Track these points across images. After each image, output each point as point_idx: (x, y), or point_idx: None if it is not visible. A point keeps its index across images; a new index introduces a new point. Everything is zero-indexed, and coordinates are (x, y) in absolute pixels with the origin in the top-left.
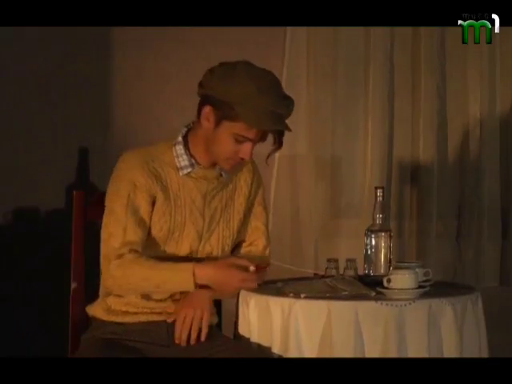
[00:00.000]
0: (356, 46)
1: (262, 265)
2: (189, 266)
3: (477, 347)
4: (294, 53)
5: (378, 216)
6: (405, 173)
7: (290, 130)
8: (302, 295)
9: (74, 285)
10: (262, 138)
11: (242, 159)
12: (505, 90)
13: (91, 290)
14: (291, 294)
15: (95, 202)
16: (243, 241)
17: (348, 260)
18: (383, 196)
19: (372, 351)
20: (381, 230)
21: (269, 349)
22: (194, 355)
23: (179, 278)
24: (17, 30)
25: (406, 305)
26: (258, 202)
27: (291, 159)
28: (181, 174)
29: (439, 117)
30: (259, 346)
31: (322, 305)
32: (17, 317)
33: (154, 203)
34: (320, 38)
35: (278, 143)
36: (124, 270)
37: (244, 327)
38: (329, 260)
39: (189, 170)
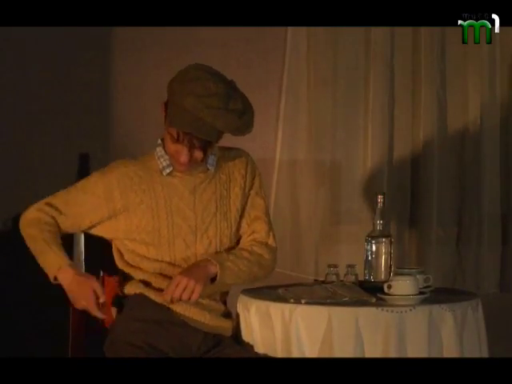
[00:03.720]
0: (356, 51)
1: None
2: (59, 262)
3: (477, 353)
4: (294, 58)
5: (379, 222)
6: (405, 179)
7: (210, 139)
8: (303, 301)
9: None
10: (190, 143)
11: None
12: (505, 99)
13: None
14: (292, 300)
15: None
16: (245, 232)
17: (348, 266)
18: (384, 202)
19: (372, 357)
20: (381, 236)
21: (268, 355)
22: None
23: (47, 263)
24: (17, 37)
25: (406, 311)
26: (254, 192)
27: (291, 164)
28: (164, 174)
29: (439, 122)
30: (262, 351)
31: (322, 311)
32: (17, 319)
33: (112, 217)
34: (320, 44)
35: (201, 149)
36: (29, 222)
37: (247, 334)
38: (329, 266)
39: (170, 168)
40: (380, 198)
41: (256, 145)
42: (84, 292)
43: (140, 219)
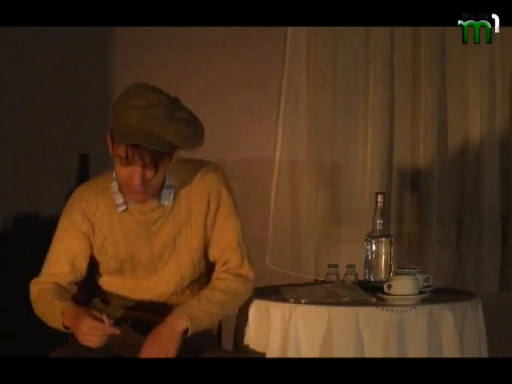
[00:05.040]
0: (356, 52)
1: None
2: (60, 311)
3: (477, 353)
4: (293, 58)
5: (379, 222)
6: (405, 179)
7: (160, 149)
8: (303, 301)
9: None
10: (141, 160)
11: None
12: (505, 97)
13: (90, 294)
14: (292, 300)
15: None
16: (218, 261)
17: (348, 266)
18: (383, 202)
19: (372, 357)
20: (381, 236)
21: (267, 354)
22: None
23: (53, 319)
24: (17, 37)
25: (406, 311)
26: (223, 218)
27: (291, 165)
28: (118, 211)
29: (439, 123)
30: (257, 351)
31: (322, 310)
32: (16, 320)
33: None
34: (320, 44)
35: (152, 166)
36: (34, 299)
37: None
38: (329, 266)
39: (124, 207)
40: (380, 198)
41: (256, 144)
42: (79, 324)
43: (105, 253)
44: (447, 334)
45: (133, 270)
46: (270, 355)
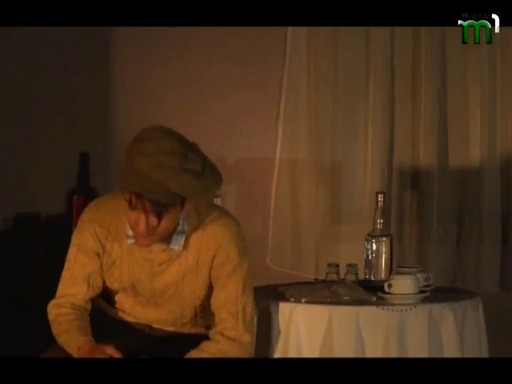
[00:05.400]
0: (356, 51)
1: None
2: (77, 343)
3: (477, 352)
4: (294, 58)
5: (379, 221)
6: (405, 178)
7: (161, 200)
8: (303, 300)
9: None
10: (143, 208)
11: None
12: (505, 96)
13: None
14: (292, 299)
15: None
16: (216, 310)
17: (349, 265)
18: (384, 201)
19: (373, 356)
20: (381, 235)
21: (267, 353)
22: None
23: (71, 350)
24: (16, 36)
25: (406, 310)
26: (223, 274)
27: (291, 164)
28: (127, 243)
29: (439, 122)
30: (257, 350)
31: (322, 310)
32: (16, 318)
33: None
34: (320, 44)
35: (155, 215)
36: (52, 321)
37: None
38: (329, 265)
39: (132, 241)
40: (380, 197)
41: (256, 143)
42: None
43: (111, 275)
44: (447, 333)
45: (134, 296)
46: (270, 354)
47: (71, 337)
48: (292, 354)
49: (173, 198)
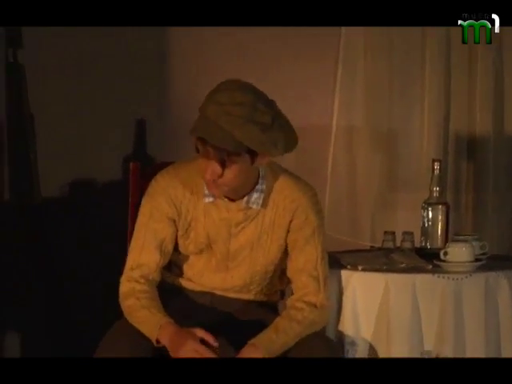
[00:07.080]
0: None
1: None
2: (158, 322)
3: None
4: (350, 30)
5: (435, 189)
6: (461, 146)
7: (223, 146)
8: (360, 267)
9: None
10: (206, 153)
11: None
12: None
13: None
14: (349, 266)
15: (152, 174)
16: (293, 277)
17: (405, 233)
18: (440, 169)
19: (428, 324)
20: (438, 203)
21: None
22: None
23: (147, 328)
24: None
25: (462, 278)
26: (302, 238)
27: (348, 131)
28: (205, 201)
29: (496, 89)
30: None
31: (379, 277)
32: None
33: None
34: None
35: (218, 162)
36: (126, 295)
37: None
38: (386, 233)
39: (210, 199)
40: (436, 165)
41: (313, 111)
42: (187, 343)
43: (187, 238)
44: (503, 301)
45: (207, 259)
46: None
47: (152, 315)
48: (348, 321)
49: (236, 147)
